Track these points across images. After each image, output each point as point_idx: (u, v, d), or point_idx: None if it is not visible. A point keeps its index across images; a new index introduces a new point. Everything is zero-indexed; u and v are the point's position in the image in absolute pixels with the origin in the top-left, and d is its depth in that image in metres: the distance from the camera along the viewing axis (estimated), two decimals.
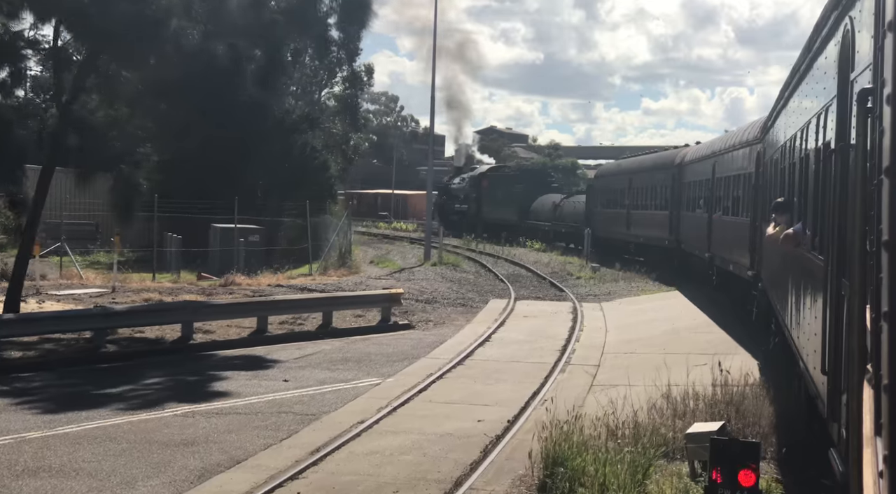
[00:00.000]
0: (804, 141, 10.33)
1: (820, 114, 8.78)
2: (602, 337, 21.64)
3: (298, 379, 17.19)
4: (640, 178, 39.65)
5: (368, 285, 30.81)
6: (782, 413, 12.35)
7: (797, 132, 11.14)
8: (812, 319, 8.85)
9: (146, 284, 30.19)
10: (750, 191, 20.69)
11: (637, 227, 39.19)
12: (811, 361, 8.94)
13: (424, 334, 22.65)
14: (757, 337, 17.98)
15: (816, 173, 9.07)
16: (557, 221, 51.98)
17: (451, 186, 69.19)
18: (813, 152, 9.30)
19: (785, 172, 12.98)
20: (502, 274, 36.37)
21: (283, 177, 41.75)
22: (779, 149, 14.47)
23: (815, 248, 9.02)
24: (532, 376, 17.13)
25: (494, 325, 23.41)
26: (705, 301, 25.78)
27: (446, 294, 29.77)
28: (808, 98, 10.16)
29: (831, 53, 7.99)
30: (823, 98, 8.50)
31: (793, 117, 12.05)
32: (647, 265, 35.80)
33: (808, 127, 9.95)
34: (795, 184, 11.35)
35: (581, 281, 34.13)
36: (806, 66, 10.34)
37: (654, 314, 25.18)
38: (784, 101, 13.73)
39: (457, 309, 26.89)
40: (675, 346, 19.15)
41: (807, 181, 10.00)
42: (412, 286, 30.95)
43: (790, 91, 12.69)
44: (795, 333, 10.67)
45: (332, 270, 35.53)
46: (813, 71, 9.66)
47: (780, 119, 14.84)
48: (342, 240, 38.51)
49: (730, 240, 23.46)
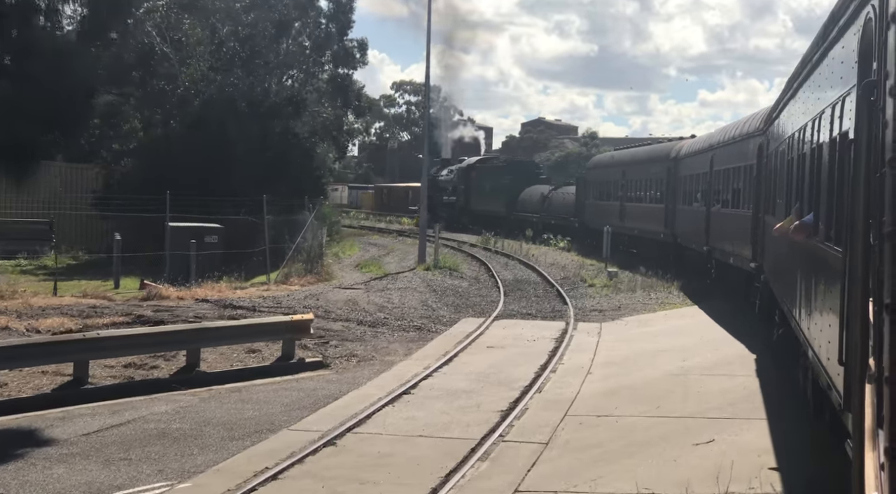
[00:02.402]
0: (817, 131, 10.55)
1: (836, 104, 8.99)
2: (578, 382, 16.29)
3: (37, 485, 11.31)
4: (635, 171, 40.01)
5: (320, 299, 26.67)
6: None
7: (808, 122, 11.36)
8: (826, 310, 9.07)
9: (35, 301, 24.53)
10: (752, 183, 20.98)
11: (631, 220, 39.53)
12: (824, 352, 9.17)
13: (328, 381, 17.31)
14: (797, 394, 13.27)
15: (831, 163, 9.29)
16: (546, 213, 52.58)
17: (439, 178, 69.83)
18: (828, 143, 9.52)
19: (793, 164, 13.22)
20: (507, 279, 32.83)
21: (258, 169, 37.98)
22: (785, 140, 14.71)
23: (829, 239, 9.25)
24: (420, 478, 11.20)
25: (437, 363, 18.11)
26: (732, 321, 21.73)
27: (410, 312, 25.31)
28: (821, 88, 10.38)
29: (850, 42, 8.19)
30: (841, 87, 8.71)
31: (803, 107, 12.27)
32: (677, 275, 31.04)
33: (820, 117, 10.17)
34: (806, 175, 11.57)
35: (593, 290, 30.08)
36: (820, 55, 10.55)
37: (664, 341, 20.60)
38: (793, 92, 13.96)
39: (406, 335, 22.21)
40: (676, 401, 14.50)
41: (820, 171, 10.22)
42: (377, 299, 27.13)
43: (800, 82, 12.91)
44: (805, 324, 10.90)
45: (296, 278, 31.27)
46: (828, 60, 9.88)
47: (786, 110, 15.08)
48: (312, 242, 33.81)
49: (730, 232, 23.77)
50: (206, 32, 42.63)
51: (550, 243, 46.72)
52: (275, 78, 42.93)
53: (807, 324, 10.80)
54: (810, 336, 10.43)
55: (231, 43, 42.27)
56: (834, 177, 9.08)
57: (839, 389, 8.05)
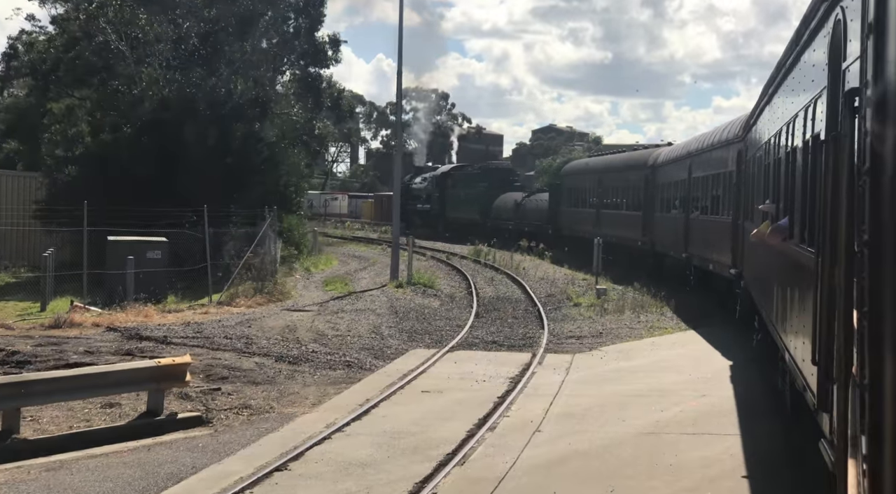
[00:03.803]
0: (790, 135, 10.87)
1: (808, 107, 9.29)
2: (519, 445, 12.87)
3: None
4: (610, 178, 40.60)
5: (254, 325, 23.52)
6: None
7: (783, 127, 11.68)
8: (801, 311, 9.35)
9: None
10: (731, 190, 21.37)
11: (607, 227, 40.00)
12: (799, 354, 9.45)
13: (191, 448, 13.25)
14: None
15: (804, 166, 9.59)
16: (519, 220, 53.56)
17: (412, 186, 70.58)
18: (801, 146, 9.82)
19: (769, 168, 13.55)
20: (486, 297, 30.32)
21: (217, 177, 35.38)
22: (762, 146, 15.06)
23: (803, 241, 9.54)
24: None
25: (348, 417, 14.67)
26: (733, 351, 19.30)
27: (351, 342, 21.93)
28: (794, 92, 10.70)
29: (820, 45, 8.49)
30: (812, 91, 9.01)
31: (778, 112, 12.60)
32: (664, 287, 29.47)
33: (794, 121, 10.48)
34: (781, 179, 11.89)
35: (577, 310, 26.98)
36: (793, 60, 10.88)
37: (643, 381, 17.21)
38: (768, 98, 14.31)
39: (331, 374, 18.51)
40: (639, 479, 11.32)
41: (794, 174, 10.53)
42: (321, 325, 23.95)
43: (774, 87, 13.26)
44: (781, 326, 11.20)
45: (244, 298, 28.21)
46: (800, 64, 10.19)
47: (763, 115, 15.44)
48: (265, 256, 30.59)
49: (709, 239, 24.18)
50: (165, 28, 40.14)
51: (546, 256, 44.22)
52: (241, 78, 39.74)
53: (783, 326, 11.09)
54: (786, 338, 10.72)
55: (192, 40, 40.11)
56: (807, 179, 9.37)
57: (813, 389, 8.31)
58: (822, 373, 7.80)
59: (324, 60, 51.26)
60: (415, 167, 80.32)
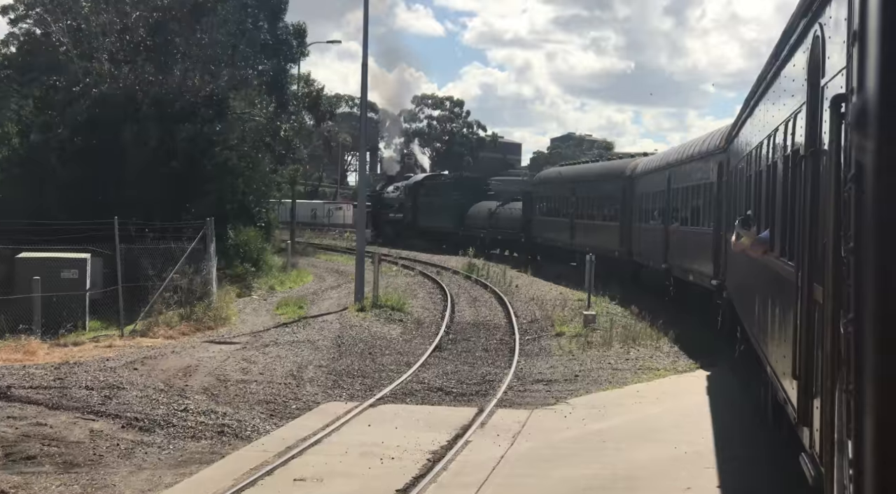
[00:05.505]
0: (771, 148, 11.19)
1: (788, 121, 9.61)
2: None
3: None
4: (586, 188, 41.22)
5: (141, 367, 19.15)
6: None
7: (764, 139, 12.01)
8: (782, 323, 9.64)
9: None
10: (713, 201, 21.78)
11: (583, 237, 40.57)
12: (780, 367, 9.73)
13: None
14: None
15: (785, 178, 9.90)
16: (493, 228, 54.64)
17: (385, 195, 71.54)
18: (782, 158, 10.13)
19: (751, 180, 13.88)
20: (460, 322, 27.32)
21: (159, 184, 32.61)
22: (744, 157, 15.42)
23: (784, 254, 9.84)
24: None
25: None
26: (738, 402, 15.91)
27: (254, 392, 17.61)
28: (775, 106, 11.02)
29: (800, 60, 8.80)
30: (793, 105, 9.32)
31: (759, 124, 12.94)
32: (643, 297, 29.65)
33: (775, 133, 10.81)
34: (763, 191, 12.22)
35: (558, 342, 23.55)
36: (774, 73, 11.21)
37: (612, 457, 12.71)
38: (750, 110, 14.67)
39: (188, 447, 14.07)
40: None
41: (775, 187, 10.85)
42: (233, 365, 19.76)
43: (756, 100, 13.60)
44: (763, 339, 11.50)
45: (165, 327, 24.49)
46: (780, 78, 10.52)
47: (745, 127, 15.81)
48: (194, 277, 26.87)
49: (690, 250, 24.59)
50: (111, 16, 37.47)
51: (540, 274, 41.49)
52: (196, 73, 36.35)
53: (763, 339, 11.39)
54: (767, 351, 11.01)
55: (139, 30, 37.22)
56: (787, 193, 9.66)
57: (794, 403, 8.55)
58: (801, 387, 8.07)
59: (288, 53, 47.48)
60: (387, 176, 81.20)
